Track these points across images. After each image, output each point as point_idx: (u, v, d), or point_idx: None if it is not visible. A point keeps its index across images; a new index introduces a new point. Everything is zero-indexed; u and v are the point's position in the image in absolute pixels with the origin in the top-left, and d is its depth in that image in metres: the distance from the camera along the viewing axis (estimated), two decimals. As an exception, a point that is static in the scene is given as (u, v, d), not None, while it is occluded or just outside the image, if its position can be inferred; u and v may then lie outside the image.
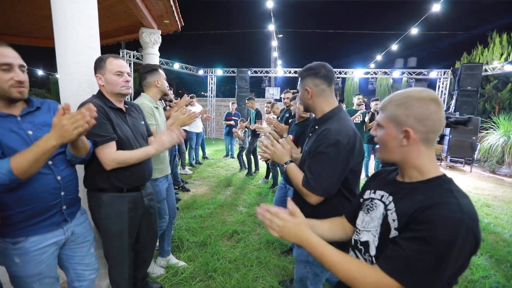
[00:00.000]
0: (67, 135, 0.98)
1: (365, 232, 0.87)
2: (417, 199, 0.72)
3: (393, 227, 0.75)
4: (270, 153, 1.31)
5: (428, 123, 0.73)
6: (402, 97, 0.77)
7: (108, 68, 1.42)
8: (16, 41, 4.64)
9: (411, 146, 0.76)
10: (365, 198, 0.92)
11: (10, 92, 1.03)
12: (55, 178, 1.17)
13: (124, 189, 1.49)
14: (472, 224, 0.65)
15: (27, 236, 1.11)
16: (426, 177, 0.76)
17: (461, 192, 0.71)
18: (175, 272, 2.18)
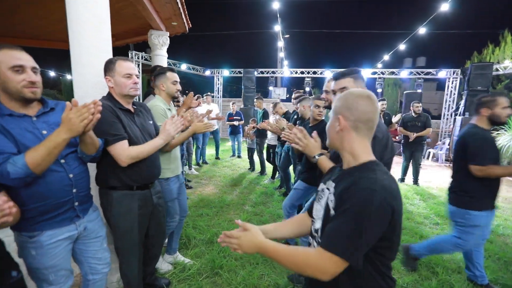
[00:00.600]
0: (75, 127, 1.04)
1: (318, 220, 0.94)
2: (348, 180, 0.83)
3: (331, 207, 0.84)
4: (303, 145, 1.40)
5: (355, 113, 0.86)
6: (343, 94, 0.93)
7: (117, 70, 1.48)
8: (31, 43, 4.80)
9: (344, 132, 0.88)
10: (318, 190, 1.01)
11: (23, 92, 1.10)
12: (67, 176, 1.22)
13: (134, 187, 1.55)
14: (385, 194, 0.75)
15: (42, 230, 1.18)
16: (358, 162, 0.87)
17: (383, 171, 0.83)
18: (182, 268, 2.23)
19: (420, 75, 9.84)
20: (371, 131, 0.89)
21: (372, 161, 0.87)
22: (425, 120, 4.88)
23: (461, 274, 2.31)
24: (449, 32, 16.38)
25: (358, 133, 0.87)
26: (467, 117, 6.93)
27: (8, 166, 1.00)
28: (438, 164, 7.49)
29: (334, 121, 0.92)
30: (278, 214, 3.48)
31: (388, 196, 0.76)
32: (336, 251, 0.75)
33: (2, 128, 1.06)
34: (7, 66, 1.05)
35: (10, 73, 1.06)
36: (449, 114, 9.60)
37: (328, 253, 0.76)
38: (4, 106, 1.10)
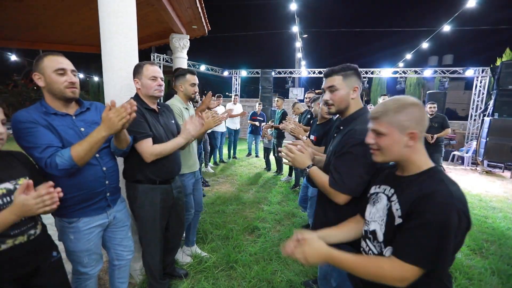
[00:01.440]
0: (114, 126, 1.17)
1: (372, 222, 0.97)
2: (415, 189, 0.83)
3: (396, 215, 0.85)
4: (291, 160, 1.32)
5: (423, 124, 0.88)
6: (398, 105, 0.88)
7: (144, 73, 1.62)
8: (63, 48, 5.18)
9: (413, 145, 0.88)
10: (371, 193, 1.03)
11: (65, 92, 1.25)
12: (101, 169, 1.37)
13: (157, 181, 1.68)
14: (461, 206, 0.77)
15: (79, 217, 1.33)
16: (420, 169, 0.88)
17: (450, 180, 0.83)
18: (199, 261, 2.35)
19: (446, 74, 9.41)
20: None
21: (435, 169, 0.87)
22: (442, 120, 4.75)
23: (481, 281, 2.24)
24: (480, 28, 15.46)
25: (420, 142, 0.89)
26: (497, 118, 6.54)
27: (57, 158, 1.15)
28: (464, 168, 7.14)
29: (400, 138, 0.87)
30: (294, 213, 3.52)
31: (463, 207, 0.78)
32: (420, 264, 0.77)
33: (50, 125, 1.22)
34: (52, 70, 1.21)
35: (54, 76, 1.22)
36: (476, 115, 9.10)
37: (408, 265, 0.78)
38: (49, 106, 1.26)
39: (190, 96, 2.17)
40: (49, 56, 1.23)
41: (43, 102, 1.26)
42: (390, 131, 0.89)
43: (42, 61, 1.22)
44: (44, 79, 1.22)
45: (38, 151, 1.15)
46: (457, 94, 22.34)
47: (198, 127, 1.72)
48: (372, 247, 0.96)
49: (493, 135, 6.38)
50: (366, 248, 1.00)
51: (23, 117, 1.17)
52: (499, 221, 3.51)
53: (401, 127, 0.87)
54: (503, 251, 2.77)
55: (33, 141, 1.16)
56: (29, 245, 1.06)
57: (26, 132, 1.16)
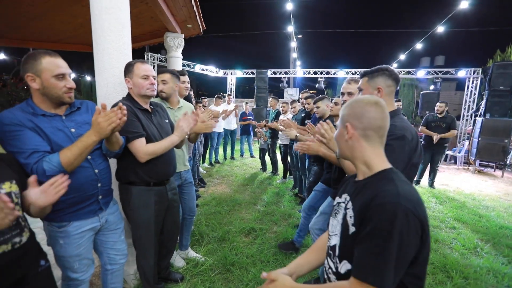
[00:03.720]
0: (103, 131, 1.13)
1: (334, 237, 0.90)
2: (366, 193, 0.79)
3: (350, 223, 0.80)
4: (328, 138, 1.30)
5: (364, 120, 0.83)
6: (349, 101, 0.90)
7: (135, 72, 1.56)
8: (54, 47, 5.06)
9: (353, 141, 0.86)
10: (334, 204, 0.97)
11: (63, 97, 1.20)
12: (93, 171, 1.31)
13: (151, 183, 1.63)
14: (409, 205, 0.69)
15: (70, 221, 1.27)
16: (374, 171, 0.84)
17: (403, 181, 0.78)
18: (195, 264, 2.31)
19: (438, 75, 9.53)
20: (383, 138, 0.86)
21: (388, 170, 0.83)
22: (450, 121, 4.69)
23: (477, 280, 2.25)
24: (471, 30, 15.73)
25: (369, 142, 0.84)
26: (488, 118, 6.65)
27: (44, 164, 1.09)
28: (456, 167, 7.24)
29: (342, 130, 0.89)
30: (290, 214, 3.50)
31: (412, 207, 0.70)
32: (374, 281, 0.68)
33: (38, 128, 1.15)
34: (51, 74, 1.15)
35: (53, 81, 1.16)
36: (468, 115, 9.24)
37: (364, 284, 0.70)
38: (37, 107, 1.20)
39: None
40: (47, 57, 1.15)
41: (29, 102, 1.20)
42: (338, 125, 0.93)
43: (39, 62, 1.14)
44: (41, 82, 1.15)
45: (23, 156, 1.09)
46: (448, 94, 22.68)
47: (191, 124, 1.67)
48: (331, 264, 0.89)
49: (485, 135, 6.49)
50: (327, 266, 0.93)
51: (7, 119, 1.10)
52: (493, 220, 3.55)
53: (342, 120, 0.89)
54: (497, 250, 2.80)
55: (18, 145, 1.10)
56: (13, 254, 0.99)
57: (10, 136, 1.10)
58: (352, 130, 0.85)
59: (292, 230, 2.98)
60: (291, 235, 2.87)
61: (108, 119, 1.12)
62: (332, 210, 0.97)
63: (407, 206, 0.69)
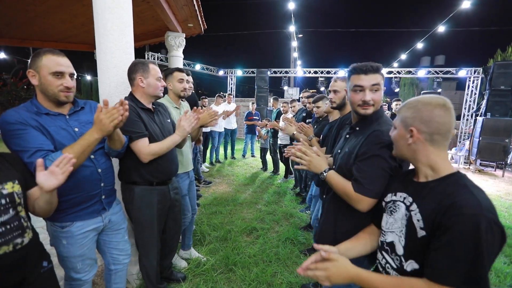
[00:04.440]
0: (105, 127, 1.13)
1: (389, 233, 0.91)
2: (437, 198, 0.77)
3: (418, 227, 0.79)
4: (306, 163, 1.21)
5: (432, 125, 0.81)
6: (413, 101, 0.87)
7: (151, 73, 1.58)
8: (55, 46, 5.05)
9: (417, 144, 0.84)
10: (387, 201, 0.96)
11: (58, 95, 1.19)
12: (96, 171, 1.31)
13: (153, 183, 1.63)
14: (491, 216, 0.69)
15: (73, 222, 1.26)
16: (440, 174, 0.82)
17: (476, 187, 0.76)
18: (198, 264, 2.30)
19: (439, 74, 9.53)
20: (448, 141, 0.83)
21: (458, 174, 0.80)
22: None
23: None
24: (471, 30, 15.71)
25: (434, 146, 0.82)
26: (489, 117, 6.65)
27: (47, 163, 1.08)
28: (457, 166, 7.24)
29: (404, 133, 0.86)
30: (291, 213, 3.50)
31: (494, 217, 0.70)
32: (457, 285, 0.69)
33: (41, 127, 1.15)
34: (48, 71, 1.15)
35: (50, 78, 1.15)
36: (469, 114, 9.24)
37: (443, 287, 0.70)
38: (41, 105, 1.19)
39: (179, 93, 2.09)
40: (48, 55, 1.15)
41: (34, 101, 1.20)
42: (398, 126, 0.90)
43: (40, 59, 1.14)
44: (39, 79, 1.15)
45: (26, 155, 1.09)
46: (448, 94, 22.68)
47: (192, 123, 1.66)
48: (389, 260, 0.90)
49: (486, 134, 6.48)
50: (383, 261, 0.93)
51: (11, 118, 1.10)
52: (494, 220, 3.55)
53: (405, 123, 0.87)
54: (499, 249, 2.79)
55: (22, 144, 1.09)
56: (15, 255, 0.97)
57: (14, 134, 1.09)
58: (418, 135, 0.83)
59: (293, 230, 2.97)
60: (293, 234, 2.87)
61: (110, 115, 1.12)
62: (384, 207, 0.97)
63: (488, 216, 0.69)
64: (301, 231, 3.01)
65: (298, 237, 2.84)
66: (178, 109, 2.14)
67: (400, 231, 0.86)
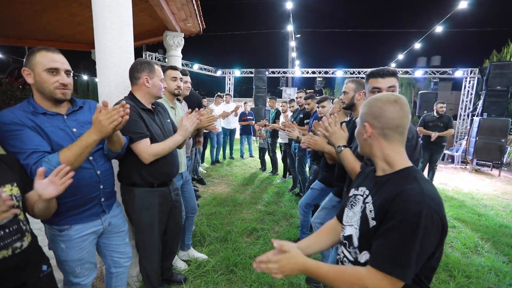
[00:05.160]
0: (104, 129, 1.10)
1: (348, 227, 0.93)
2: (388, 189, 0.80)
3: (370, 217, 0.82)
4: (331, 132, 1.34)
5: (382, 120, 0.84)
6: (369, 99, 0.90)
7: (157, 73, 1.58)
8: (51, 45, 4.95)
9: (372, 139, 0.87)
10: (350, 196, 0.99)
11: (55, 93, 1.15)
12: (95, 172, 1.28)
13: (154, 184, 1.60)
14: (433, 204, 0.72)
15: (71, 225, 1.24)
16: (395, 169, 0.85)
17: (424, 179, 0.79)
18: (198, 265, 2.28)
19: (436, 75, 9.59)
20: (403, 136, 0.86)
21: (410, 168, 0.83)
22: (447, 121, 4.77)
23: (479, 279, 2.26)
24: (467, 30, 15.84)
25: (388, 140, 0.85)
26: (486, 118, 6.71)
27: (44, 165, 1.05)
28: (454, 166, 7.29)
29: (361, 129, 0.90)
30: (291, 213, 3.49)
31: (436, 206, 0.72)
32: (394, 271, 0.71)
33: (38, 127, 1.12)
34: (43, 68, 1.12)
35: (45, 75, 1.12)
36: (465, 114, 9.32)
37: (382, 273, 0.72)
38: (38, 105, 1.16)
39: (173, 91, 2.05)
40: (42, 51, 1.13)
41: (31, 101, 1.17)
42: (358, 123, 0.94)
43: (34, 57, 1.12)
44: (34, 77, 1.13)
45: (22, 157, 1.06)
46: (444, 94, 22.85)
47: (195, 123, 1.65)
48: (347, 254, 0.91)
49: (482, 134, 6.54)
50: (341, 255, 0.95)
51: (7, 118, 1.07)
52: (492, 219, 3.58)
53: (361, 119, 0.91)
54: (497, 248, 2.81)
55: (18, 145, 1.06)
56: (14, 260, 0.95)
57: (10, 135, 1.07)
58: (371, 129, 0.86)
59: (294, 230, 2.97)
60: (293, 235, 2.86)
61: (110, 116, 1.09)
62: (347, 201, 0.99)
63: (431, 205, 0.71)
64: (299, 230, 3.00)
65: (298, 237, 2.83)
66: (173, 109, 2.12)
67: (357, 224, 0.89)
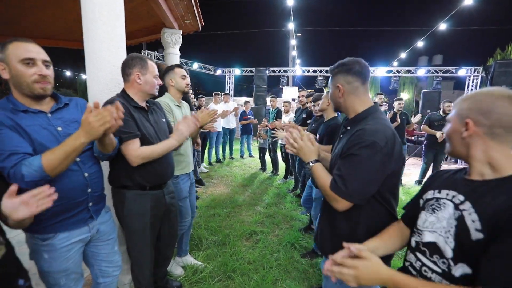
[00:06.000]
0: (93, 131, 0.99)
1: (428, 233, 0.82)
2: (500, 198, 0.68)
3: (473, 228, 0.70)
4: (298, 147, 1.18)
5: (492, 116, 0.72)
6: (472, 93, 0.79)
7: (150, 69, 1.48)
8: (47, 43, 4.89)
9: (474, 139, 0.76)
10: (429, 198, 0.88)
11: (33, 88, 1.05)
12: (83, 175, 1.18)
13: (146, 187, 1.50)
14: None
15: (55, 233, 1.14)
16: (503, 174, 0.73)
17: None
18: (194, 271, 2.18)
19: (439, 73, 9.47)
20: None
21: None
22: None
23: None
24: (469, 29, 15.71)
25: (495, 140, 0.74)
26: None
27: (23, 168, 0.95)
28: (457, 166, 7.17)
29: (458, 126, 0.79)
30: (292, 216, 3.39)
31: None
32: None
33: (18, 126, 1.02)
34: (18, 59, 1.02)
35: (20, 67, 1.02)
36: (469, 114, 9.20)
37: None
38: (18, 102, 1.06)
39: (183, 89, 2.02)
40: (15, 42, 1.03)
41: (10, 98, 1.07)
42: (453, 119, 0.82)
43: (6, 49, 1.02)
44: (9, 71, 1.03)
45: (0, 159, 0.96)
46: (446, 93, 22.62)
47: (191, 127, 1.56)
48: (428, 263, 0.80)
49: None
50: (417, 263, 0.84)
51: None
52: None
53: (460, 115, 0.78)
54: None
55: None
56: None
57: None
58: (474, 127, 0.75)
59: (295, 233, 2.86)
60: (294, 238, 2.76)
61: (101, 118, 0.98)
62: (423, 204, 0.89)
63: None
64: (301, 233, 2.91)
65: (299, 241, 2.74)
66: (180, 108, 2.03)
67: (445, 232, 0.77)
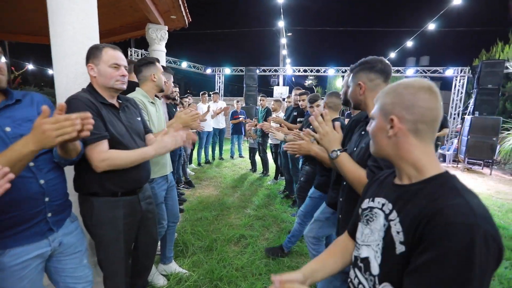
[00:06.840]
0: (46, 141, 0.82)
1: (365, 247, 0.75)
2: (420, 204, 0.61)
3: (397, 241, 0.63)
4: (323, 132, 1.12)
5: (415, 111, 0.66)
6: (393, 85, 0.72)
7: (103, 58, 1.28)
8: (28, 39, 4.64)
9: (399, 137, 0.68)
10: (364, 208, 0.81)
11: None
12: (38, 182, 1.03)
13: (118, 193, 1.35)
14: (489, 228, 0.54)
15: (5, 249, 0.98)
16: (425, 175, 0.66)
17: (469, 190, 0.61)
18: (178, 280, 2.04)
19: (427, 74, 9.59)
20: (434, 133, 0.69)
21: (445, 174, 0.65)
22: (443, 120, 4.66)
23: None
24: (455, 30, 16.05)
25: (419, 138, 0.67)
26: (477, 116, 6.69)
27: None
28: (445, 165, 7.26)
29: (383, 123, 0.71)
30: (282, 218, 3.28)
31: (492, 230, 0.54)
32: None
33: None
34: None
35: None
36: (456, 113, 9.35)
37: None
38: None
39: (162, 85, 1.86)
40: None
41: None
42: (377, 116, 0.74)
43: None
44: None
45: None
46: (434, 94, 23.15)
47: (178, 144, 1.40)
48: (363, 280, 0.74)
49: (474, 133, 6.52)
50: (355, 280, 0.78)
51: None
52: (489, 220, 3.47)
53: (384, 111, 0.71)
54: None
55: None
56: None
57: None
58: (400, 124, 0.68)
59: (285, 236, 2.75)
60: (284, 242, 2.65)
61: (59, 128, 0.81)
62: (360, 216, 0.82)
63: (487, 229, 0.53)
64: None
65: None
66: (154, 105, 1.88)
67: (376, 245, 0.70)
